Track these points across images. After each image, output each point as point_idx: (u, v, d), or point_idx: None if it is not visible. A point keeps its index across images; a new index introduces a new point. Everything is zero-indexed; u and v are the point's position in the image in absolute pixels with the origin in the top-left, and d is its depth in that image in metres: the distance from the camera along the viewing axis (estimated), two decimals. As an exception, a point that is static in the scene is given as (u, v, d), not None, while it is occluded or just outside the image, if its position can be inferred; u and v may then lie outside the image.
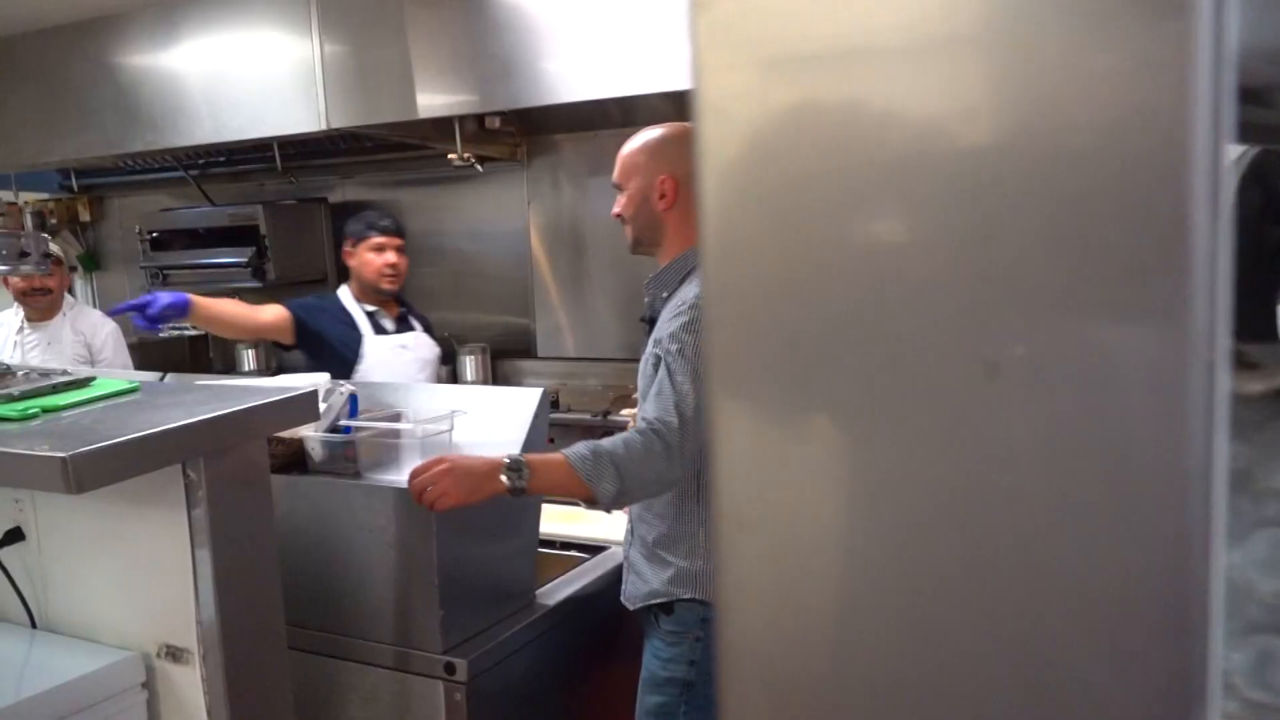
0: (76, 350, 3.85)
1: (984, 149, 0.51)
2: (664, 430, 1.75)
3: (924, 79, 0.52)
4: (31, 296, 3.78)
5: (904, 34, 0.52)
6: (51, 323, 3.85)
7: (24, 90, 4.35)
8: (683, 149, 1.96)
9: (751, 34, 0.58)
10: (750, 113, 0.58)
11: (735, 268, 0.59)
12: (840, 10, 0.53)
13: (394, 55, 3.57)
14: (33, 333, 3.81)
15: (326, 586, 1.77)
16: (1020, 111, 0.50)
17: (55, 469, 1.23)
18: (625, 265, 4.40)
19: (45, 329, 3.84)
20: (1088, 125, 0.48)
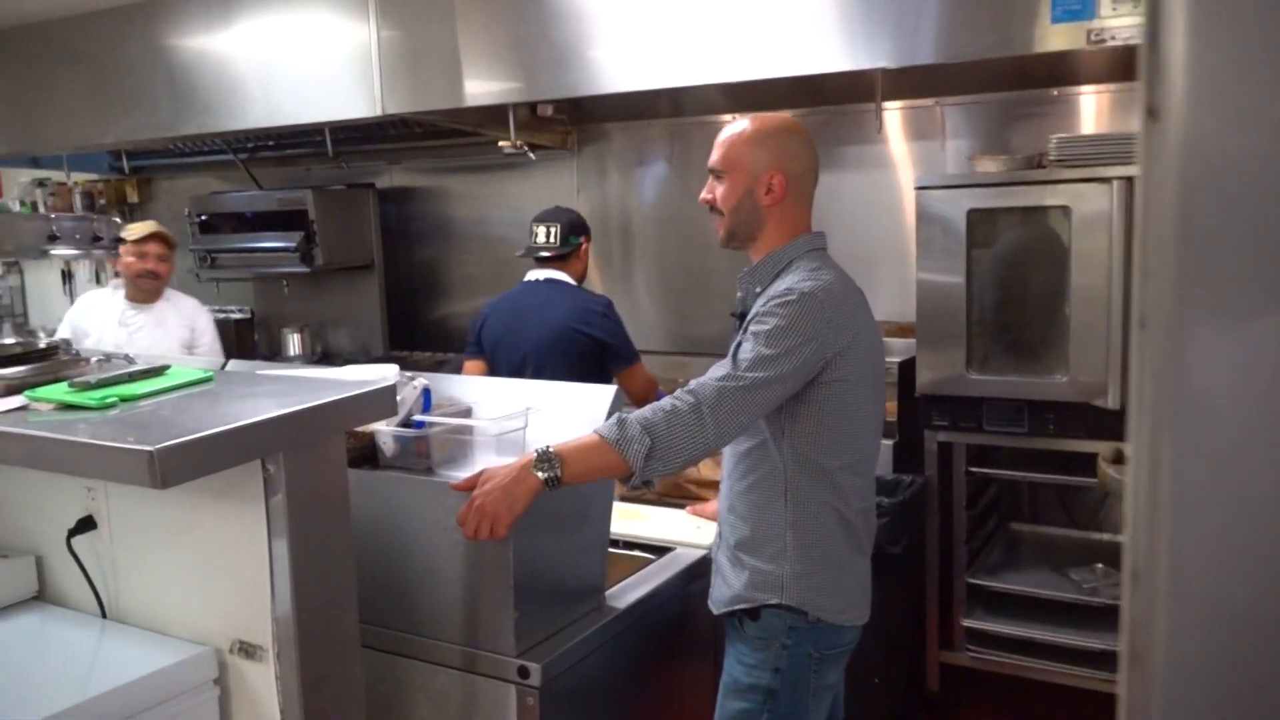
0: (181, 335, 3.84)
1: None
2: (699, 390, 1.71)
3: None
4: (144, 279, 3.75)
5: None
6: (155, 306, 3.82)
7: (77, 72, 4.35)
8: (793, 143, 1.90)
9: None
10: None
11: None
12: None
13: (450, 42, 3.53)
14: (137, 314, 3.78)
15: (396, 583, 1.74)
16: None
17: (142, 462, 1.20)
18: (673, 257, 4.35)
19: (150, 311, 3.81)
20: None
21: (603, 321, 3.18)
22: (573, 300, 3.25)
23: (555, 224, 3.32)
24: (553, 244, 3.30)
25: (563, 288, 3.29)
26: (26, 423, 1.37)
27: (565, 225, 3.32)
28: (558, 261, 3.31)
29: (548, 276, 3.32)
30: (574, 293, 3.30)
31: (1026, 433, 2.91)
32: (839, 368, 1.79)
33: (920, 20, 2.82)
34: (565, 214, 3.39)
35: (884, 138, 3.78)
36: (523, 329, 3.23)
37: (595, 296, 3.37)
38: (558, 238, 3.30)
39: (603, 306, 3.24)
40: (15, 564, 1.71)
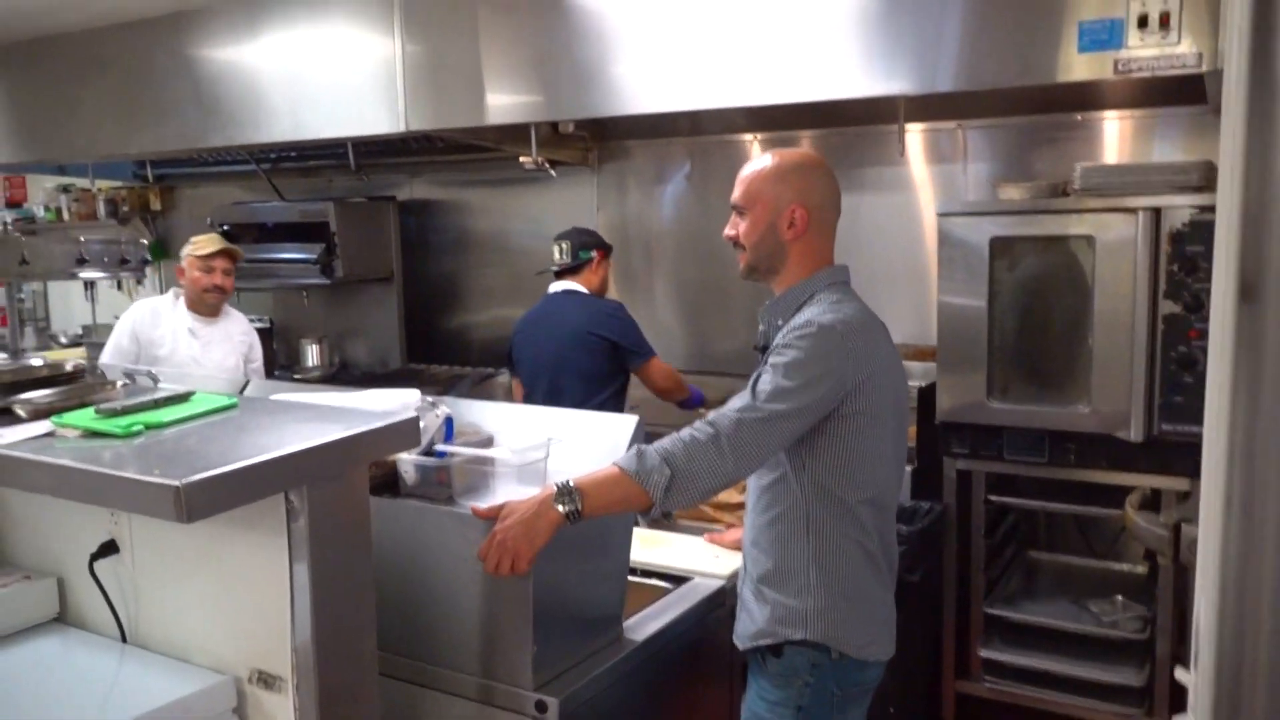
0: (243, 349, 3.86)
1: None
2: (717, 421, 1.72)
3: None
4: (211, 293, 3.75)
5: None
6: (219, 321, 3.83)
7: (105, 82, 4.38)
8: (814, 178, 1.91)
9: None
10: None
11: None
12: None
13: (473, 59, 3.54)
14: (206, 327, 3.78)
15: (414, 613, 1.74)
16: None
17: (168, 496, 1.20)
18: (693, 274, 4.35)
19: (217, 324, 3.82)
20: None
21: (611, 322, 3.46)
22: (585, 307, 3.53)
23: (566, 241, 3.65)
24: (564, 260, 3.62)
25: (576, 297, 3.58)
26: (53, 450, 1.38)
27: (575, 242, 3.63)
28: (571, 274, 3.61)
29: (564, 288, 3.61)
30: (587, 300, 3.56)
31: (1047, 463, 2.89)
32: (859, 401, 1.79)
33: (942, 47, 2.81)
34: (576, 232, 3.70)
35: (905, 160, 3.77)
36: (542, 338, 3.53)
37: (607, 301, 3.61)
38: (568, 254, 3.62)
39: (613, 309, 3.53)
40: (37, 585, 1.72)
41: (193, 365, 3.59)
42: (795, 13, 3.00)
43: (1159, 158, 3.33)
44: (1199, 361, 2.60)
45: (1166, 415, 2.67)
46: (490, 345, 4.77)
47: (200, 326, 3.76)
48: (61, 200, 6.03)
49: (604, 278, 3.68)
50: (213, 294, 3.75)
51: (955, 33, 2.79)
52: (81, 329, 6.10)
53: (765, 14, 3.04)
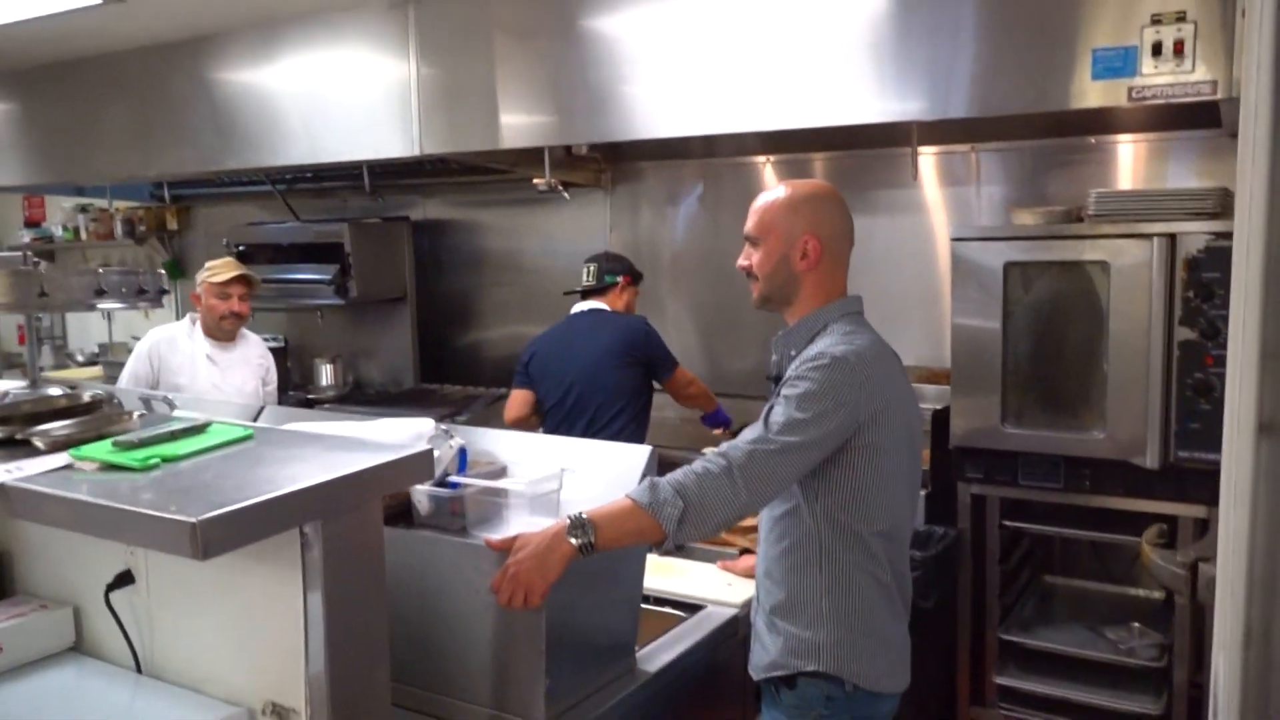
0: (259, 373, 3.87)
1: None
2: (730, 452, 1.72)
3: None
4: (227, 320, 3.75)
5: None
6: (236, 345, 3.84)
7: (125, 105, 4.43)
8: (827, 209, 1.92)
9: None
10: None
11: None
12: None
13: (488, 83, 3.56)
14: (224, 353, 3.79)
15: (427, 643, 1.74)
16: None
17: (184, 533, 1.21)
18: (705, 295, 4.36)
19: (235, 349, 3.82)
20: None
21: (643, 337, 3.55)
22: (613, 324, 3.60)
23: (594, 264, 3.72)
24: (589, 281, 3.70)
25: (604, 316, 3.64)
26: (71, 484, 1.39)
27: (602, 266, 3.70)
28: (596, 295, 3.68)
29: (591, 307, 3.67)
30: (614, 319, 3.63)
31: (1062, 488, 2.87)
32: (872, 433, 1.78)
33: (955, 73, 2.81)
34: (605, 256, 3.78)
35: (919, 182, 3.77)
36: (569, 357, 3.55)
37: (633, 318, 3.66)
38: (594, 276, 3.69)
39: (643, 324, 3.61)
40: (54, 615, 1.73)
41: (213, 391, 3.59)
42: (808, 38, 3.01)
43: (1174, 181, 3.33)
44: (1215, 388, 2.58)
45: (1183, 442, 2.66)
46: (504, 365, 4.77)
47: (218, 352, 3.77)
48: (79, 220, 6.11)
49: (628, 303, 3.72)
50: (229, 320, 3.76)
51: (969, 59, 2.79)
52: (98, 347, 6.17)
53: (778, 39, 3.06)
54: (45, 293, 1.66)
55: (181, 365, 3.71)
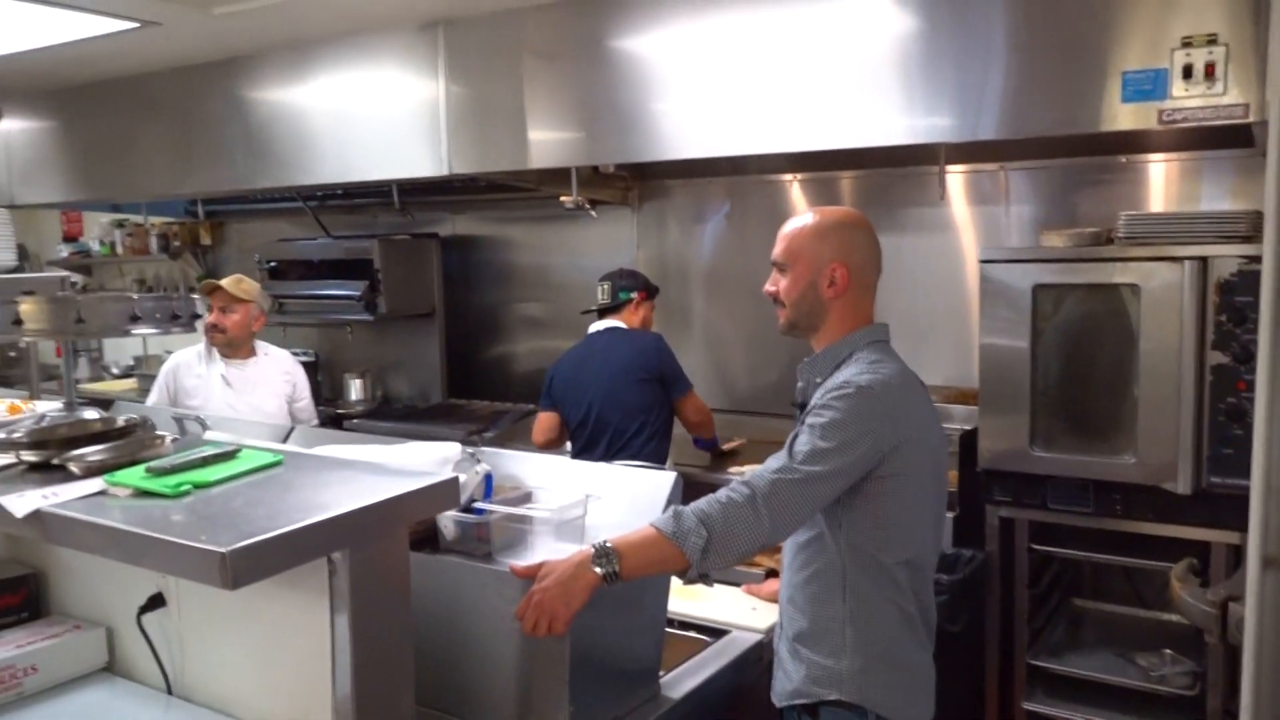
0: (285, 390, 3.84)
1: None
2: (754, 481, 1.72)
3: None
4: (210, 333, 3.71)
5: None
6: (254, 362, 3.81)
7: (161, 124, 4.52)
8: (856, 237, 1.92)
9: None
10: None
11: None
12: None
13: (515, 104, 3.60)
14: (239, 372, 3.76)
15: (451, 668, 1.75)
16: None
17: (214, 563, 1.23)
18: (731, 313, 4.36)
19: (250, 367, 3.79)
20: None
21: (656, 355, 3.53)
22: (629, 342, 3.59)
23: (608, 282, 3.73)
24: (604, 299, 3.71)
25: (618, 333, 3.64)
26: (104, 511, 1.41)
27: (615, 283, 3.71)
28: (612, 312, 3.69)
29: (606, 325, 3.68)
30: (628, 336, 3.63)
31: (1092, 513, 2.84)
32: (896, 462, 1.78)
33: (985, 95, 2.81)
34: (619, 274, 3.77)
35: (947, 201, 3.76)
36: (587, 377, 3.56)
37: (647, 334, 3.66)
38: (608, 294, 3.70)
39: (656, 341, 3.60)
40: (87, 636, 1.76)
41: (228, 412, 3.56)
42: (836, 59, 3.02)
43: (1206, 201, 3.29)
44: (1248, 413, 2.54)
45: (1215, 468, 2.62)
46: (531, 380, 4.80)
47: (234, 372, 3.75)
48: (116, 235, 6.22)
49: (644, 319, 3.72)
50: (215, 335, 3.72)
51: (998, 81, 2.79)
52: (133, 360, 6.26)
53: (806, 59, 3.07)
54: (82, 319, 1.69)
55: (195, 388, 3.72)
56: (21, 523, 1.41)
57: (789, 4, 3.08)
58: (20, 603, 1.86)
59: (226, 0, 3.32)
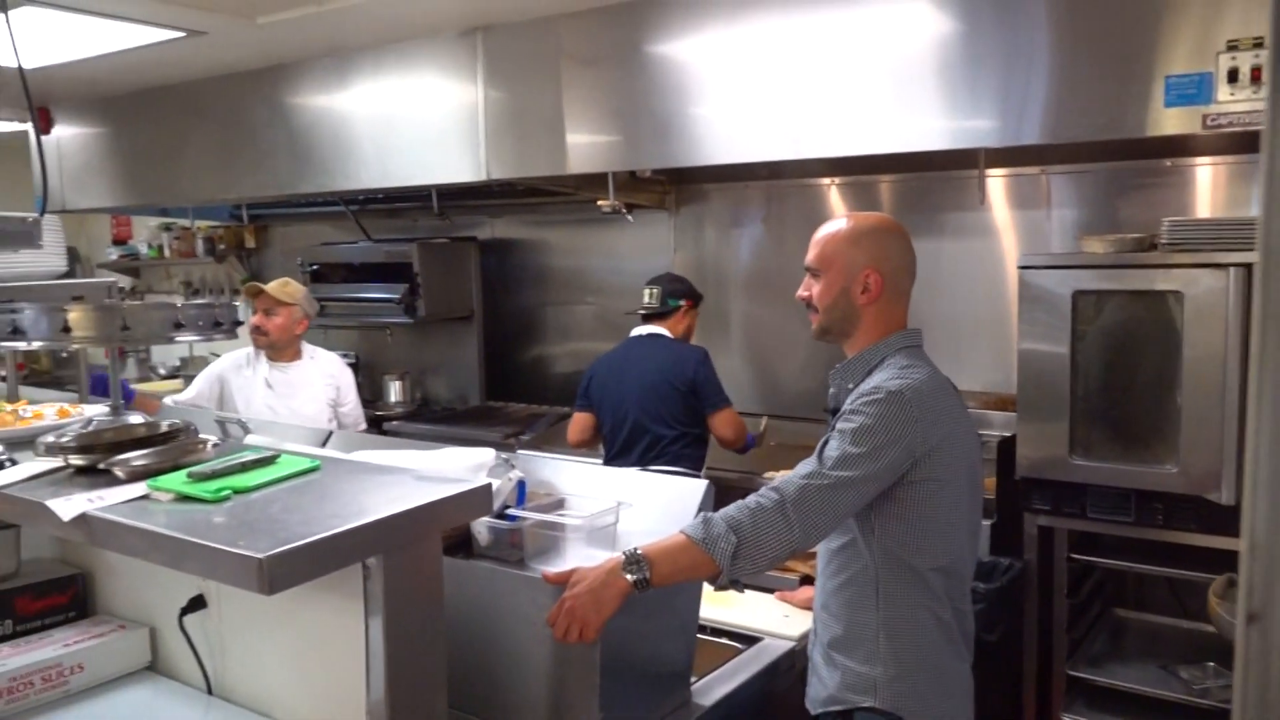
0: (328, 394, 3.86)
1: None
2: (783, 487, 1.72)
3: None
4: (253, 335, 3.77)
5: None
6: (297, 365, 3.85)
7: (207, 131, 4.60)
8: (890, 243, 1.91)
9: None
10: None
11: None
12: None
13: (552, 110, 3.63)
14: (282, 375, 3.80)
15: (483, 672, 1.77)
16: None
17: (251, 569, 1.25)
18: (767, 318, 4.35)
19: (293, 370, 3.83)
20: None
21: (693, 368, 3.48)
22: (669, 351, 3.57)
23: (657, 286, 3.71)
24: (652, 304, 3.68)
25: (661, 341, 3.63)
26: (147, 515, 1.45)
27: (665, 288, 3.69)
28: (657, 319, 3.67)
29: (649, 332, 3.67)
30: (671, 345, 3.61)
31: (1133, 522, 2.80)
32: (928, 467, 1.77)
33: (1028, 98, 2.78)
34: (669, 278, 3.76)
35: (987, 205, 3.72)
36: (625, 381, 3.56)
37: (690, 347, 3.63)
38: (657, 299, 3.68)
39: (697, 355, 3.55)
40: (131, 635, 1.80)
41: (269, 415, 3.62)
42: (875, 63, 3.00)
43: (1255, 206, 3.22)
44: (1295, 423, 2.49)
45: (1261, 478, 2.57)
46: (568, 383, 4.82)
47: (277, 375, 3.79)
48: (163, 238, 6.35)
49: (689, 326, 3.72)
50: (254, 336, 3.77)
51: (1042, 84, 2.76)
52: (179, 361, 6.38)
53: (845, 64, 3.05)
54: (127, 326, 1.73)
55: (240, 389, 3.79)
56: (68, 526, 1.45)
57: (827, 8, 3.07)
58: (68, 602, 1.91)
59: (270, 9, 3.38)
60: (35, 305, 1.74)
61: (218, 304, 1.88)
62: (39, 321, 1.74)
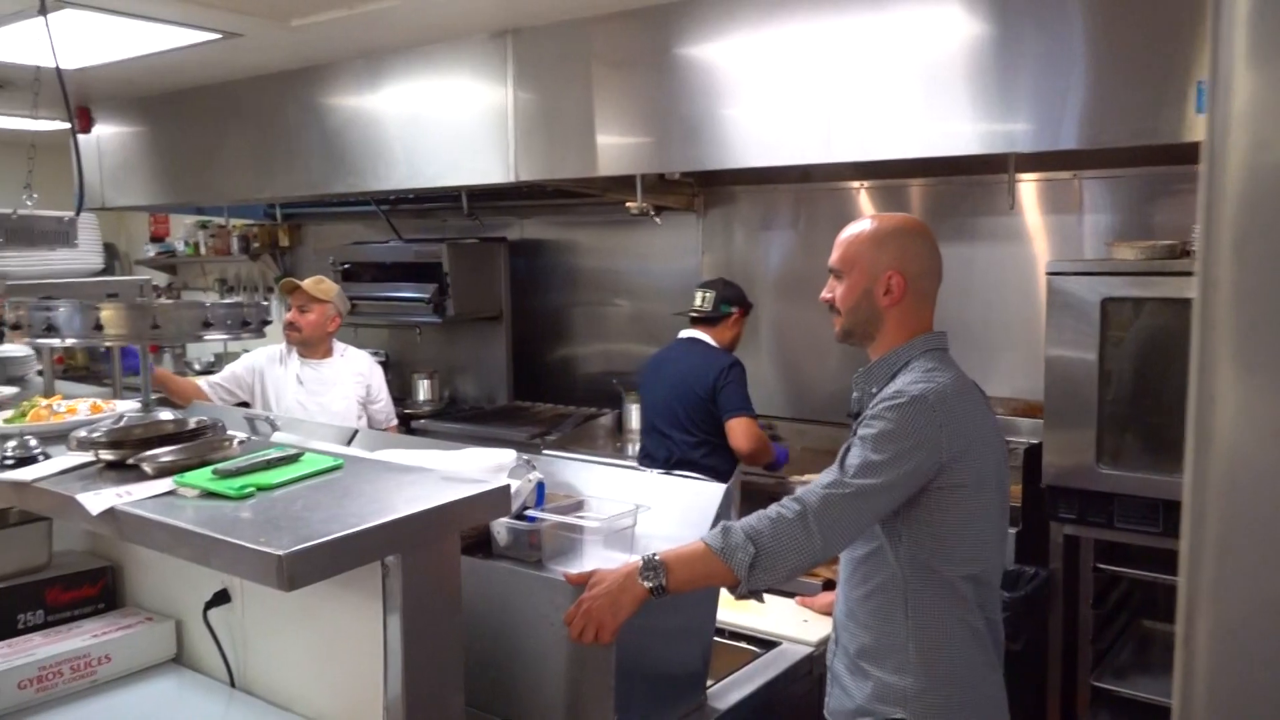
0: (358, 391, 3.91)
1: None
2: (805, 497, 1.69)
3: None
4: (287, 331, 3.84)
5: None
6: (329, 363, 3.90)
7: (242, 132, 4.67)
8: (914, 244, 1.87)
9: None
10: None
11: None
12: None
13: (582, 112, 3.64)
14: (313, 372, 3.85)
15: (500, 671, 1.78)
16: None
17: (271, 565, 1.28)
18: (795, 321, 4.34)
19: (324, 368, 3.88)
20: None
21: (720, 374, 3.44)
22: (701, 357, 3.55)
23: (711, 291, 3.67)
24: (704, 308, 3.65)
25: (698, 346, 3.61)
26: (173, 510, 1.48)
27: (719, 294, 3.66)
28: (705, 324, 3.65)
29: (691, 335, 3.65)
30: (705, 350, 3.58)
31: (1161, 532, 2.76)
32: (955, 473, 1.73)
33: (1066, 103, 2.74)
34: (722, 284, 3.72)
35: (1018, 210, 3.69)
36: (659, 383, 3.59)
37: (723, 354, 3.59)
38: (709, 303, 3.64)
39: (727, 363, 3.50)
40: (158, 628, 1.84)
41: (298, 411, 3.69)
42: (907, 67, 2.98)
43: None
44: (1329, 435, 2.45)
45: (1292, 490, 2.53)
46: (595, 384, 4.85)
47: (308, 372, 3.84)
48: (199, 236, 6.45)
49: (737, 335, 3.69)
50: (288, 332, 3.84)
51: (1079, 90, 2.72)
52: (213, 357, 6.48)
53: (875, 67, 3.04)
54: (158, 325, 1.77)
55: (273, 383, 3.85)
56: (96, 519, 1.48)
57: (857, 11, 3.05)
58: (98, 594, 1.95)
59: (304, 12, 3.42)
60: (70, 303, 1.79)
61: (246, 303, 1.91)
62: (73, 319, 1.78)
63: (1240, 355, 0.66)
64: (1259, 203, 0.64)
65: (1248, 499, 0.65)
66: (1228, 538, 0.65)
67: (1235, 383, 0.65)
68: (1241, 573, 0.65)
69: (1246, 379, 0.65)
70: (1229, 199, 0.65)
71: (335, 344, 3.97)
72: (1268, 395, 0.64)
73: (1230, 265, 0.65)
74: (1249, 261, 0.64)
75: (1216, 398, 0.65)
